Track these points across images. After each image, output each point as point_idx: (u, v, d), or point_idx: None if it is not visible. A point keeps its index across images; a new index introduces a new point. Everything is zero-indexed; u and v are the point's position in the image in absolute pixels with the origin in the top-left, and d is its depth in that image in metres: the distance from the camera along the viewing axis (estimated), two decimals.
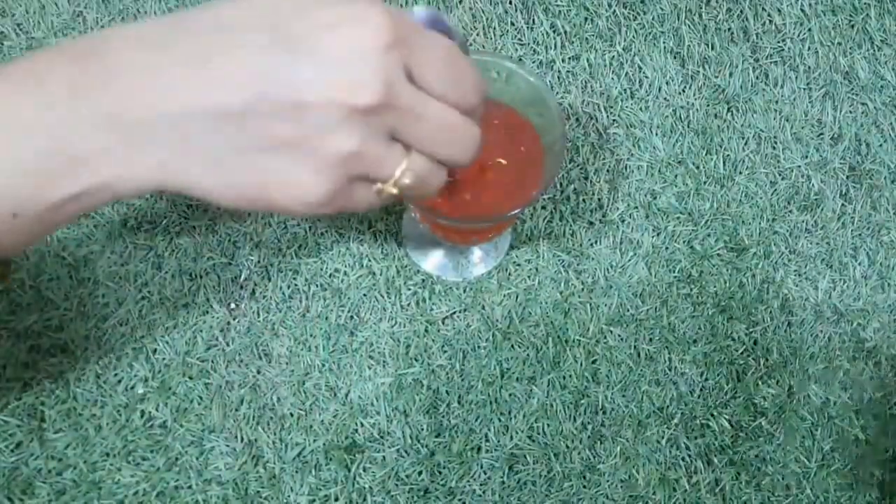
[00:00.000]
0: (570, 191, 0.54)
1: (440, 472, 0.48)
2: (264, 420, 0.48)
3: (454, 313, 0.51)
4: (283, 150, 0.28)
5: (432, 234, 0.47)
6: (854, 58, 0.59)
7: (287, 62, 0.26)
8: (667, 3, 0.59)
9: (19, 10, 0.55)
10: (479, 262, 0.52)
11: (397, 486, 0.47)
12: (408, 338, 0.50)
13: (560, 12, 0.58)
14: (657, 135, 0.56)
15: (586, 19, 0.58)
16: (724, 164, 0.55)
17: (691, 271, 0.53)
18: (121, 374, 0.48)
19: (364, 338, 0.50)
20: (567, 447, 0.49)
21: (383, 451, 0.48)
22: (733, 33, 0.59)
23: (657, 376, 0.51)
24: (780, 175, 0.56)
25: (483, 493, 0.47)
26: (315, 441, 0.48)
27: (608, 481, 0.48)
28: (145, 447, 0.47)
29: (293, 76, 0.26)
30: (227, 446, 0.47)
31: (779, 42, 0.59)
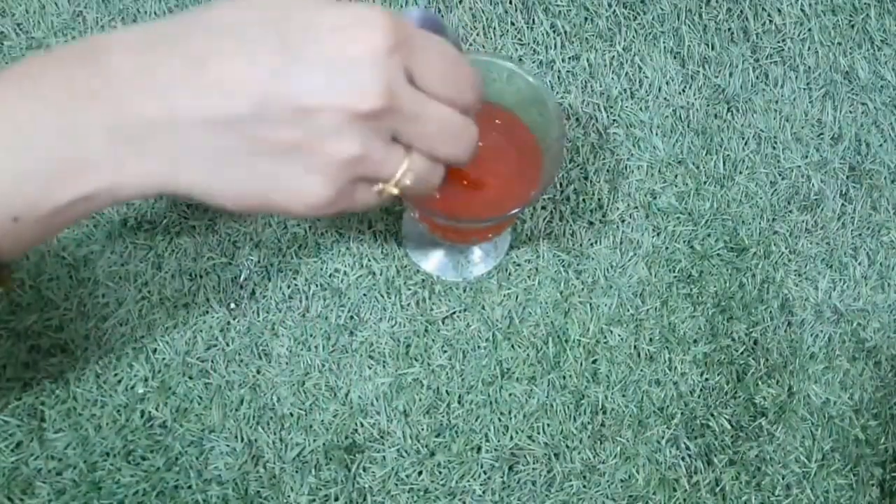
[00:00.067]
0: (570, 191, 0.54)
1: (440, 472, 0.48)
2: (264, 420, 0.48)
3: (454, 313, 0.51)
4: (285, 155, 0.28)
5: (432, 234, 0.47)
6: (854, 58, 0.59)
7: (289, 68, 0.26)
8: (667, 3, 0.59)
9: (19, 9, 0.55)
10: (479, 262, 0.52)
11: (397, 486, 0.47)
12: (408, 338, 0.50)
13: (560, 12, 0.58)
14: (657, 135, 0.56)
15: (586, 19, 0.58)
16: (724, 164, 0.55)
17: (691, 271, 0.53)
18: (121, 374, 0.48)
19: (364, 338, 0.50)
20: (567, 447, 0.49)
21: (383, 451, 0.48)
22: (733, 33, 0.59)
23: (657, 376, 0.51)
24: (780, 175, 0.56)
25: (483, 493, 0.47)
26: (315, 441, 0.48)
27: (608, 481, 0.48)
28: (145, 447, 0.47)
29: (296, 82, 0.26)
30: (227, 446, 0.47)
31: (779, 42, 0.59)
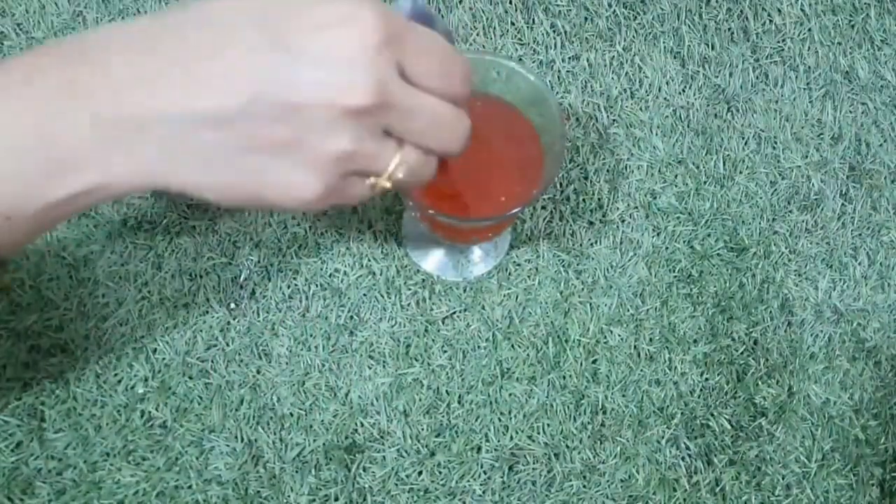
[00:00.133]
0: (570, 191, 0.54)
1: (440, 472, 0.48)
2: (264, 420, 0.48)
3: (454, 313, 0.51)
4: (276, 152, 0.28)
5: (432, 234, 0.47)
6: (854, 58, 0.59)
7: (279, 64, 0.26)
8: (667, 3, 0.59)
9: (19, 9, 0.55)
10: (479, 261, 0.52)
11: (397, 486, 0.47)
12: (408, 338, 0.50)
13: (560, 12, 0.58)
14: (657, 135, 0.56)
15: (586, 19, 0.58)
16: (724, 164, 0.55)
17: (691, 271, 0.53)
18: (121, 374, 0.48)
19: (364, 338, 0.50)
20: (567, 447, 0.49)
21: (383, 451, 0.48)
22: (733, 33, 0.59)
23: (657, 376, 0.51)
24: (780, 175, 0.56)
25: (483, 493, 0.47)
26: (315, 441, 0.48)
27: (608, 481, 0.48)
28: (145, 447, 0.47)
29: (286, 78, 0.26)
30: (227, 446, 0.47)
31: (779, 42, 0.59)
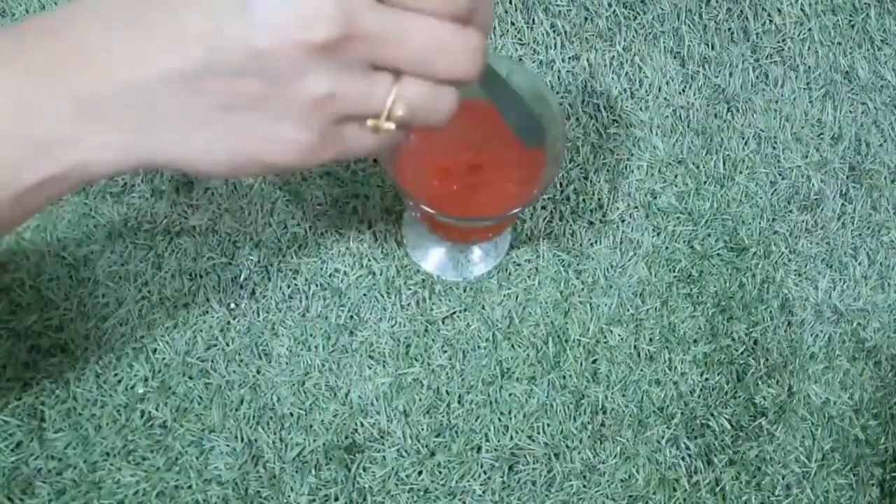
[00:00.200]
0: (570, 191, 0.54)
1: (440, 472, 0.48)
2: (264, 420, 0.48)
3: (454, 313, 0.51)
4: (252, 106, 0.26)
5: (432, 234, 0.47)
6: (854, 58, 0.59)
7: (234, 13, 0.25)
8: (667, 3, 0.59)
9: (19, 10, 0.55)
10: (479, 261, 0.52)
11: (397, 486, 0.47)
12: (408, 338, 0.50)
13: (560, 12, 0.58)
14: (657, 135, 0.56)
15: (586, 19, 0.58)
16: (724, 164, 0.55)
17: (691, 271, 0.53)
18: (121, 374, 0.48)
19: (364, 338, 0.50)
20: (567, 447, 0.49)
21: (383, 451, 0.48)
22: (733, 33, 0.59)
23: (657, 376, 0.51)
24: (780, 175, 0.56)
25: (483, 493, 0.47)
26: (315, 441, 0.48)
27: (608, 481, 0.48)
28: (145, 447, 0.47)
29: (242, 26, 0.25)
30: (227, 446, 0.47)
31: (779, 42, 0.59)
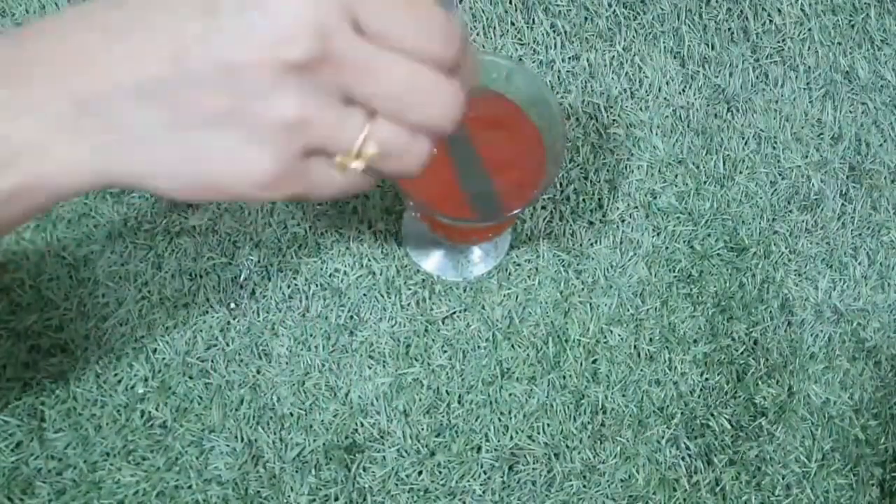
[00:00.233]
0: (570, 191, 0.54)
1: (440, 472, 0.48)
2: (264, 420, 0.48)
3: (454, 313, 0.51)
4: (218, 123, 0.25)
5: (432, 234, 0.47)
6: (854, 58, 0.59)
7: (209, 24, 0.24)
8: (667, 3, 0.59)
9: (19, 9, 0.55)
10: (479, 261, 0.52)
11: (397, 486, 0.47)
12: (408, 338, 0.50)
13: (560, 12, 0.58)
14: (657, 135, 0.56)
15: (586, 19, 0.58)
16: (724, 163, 0.55)
17: (691, 271, 0.53)
18: (121, 374, 0.48)
19: (364, 338, 0.50)
20: (567, 447, 0.49)
21: (383, 451, 0.48)
22: (733, 33, 0.59)
23: (657, 376, 0.51)
24: (780, 175, 0.56)
25: (483, 493, 0.47)
26: (315, 441, 0.48)
27: (608, 481, 0.48)
28: (145, 447, 0.47)
29: (216, 37, 0.24)
30: (227, 446, 0.47)
31: (779, 42, 0.59)
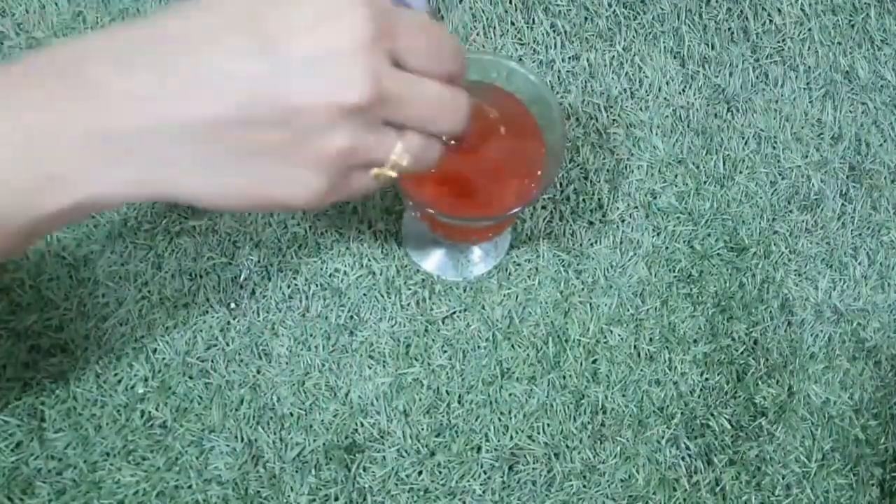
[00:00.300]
0: (570, 191, 0.54)
1: (440, 472, 0.48)
2: (264, 420, 0.48)
3: (454, 313, 0.51)
4: (275, 154, 0.27)
5: (432, 234, 0.47)
6: (854, 58, 0.59)
7: (270, 67, 0.26)
8: (667, 3, 0.59)
9: (19, 9, 0.55)
10: (479, 261, 0.52)
11: (397, 485, 0.47)
12: (408, 338, 0.50)
13: (560, 12, 0.58)
14: (657, 135, 0.56)
15: (586, 19, 0.58)
16: (724, 163, 0.55)
17: (691, 271, 0.53)
18: (121, 374, 0.48)
19: (364, 338, 0.50)
20: (567, 447, 0.49)
21: (383, 451, 0.48)
22: (733, 33, 0.59)
23: (657, 376, 0.51)
24: (780, 175, 0.56)
25: (483, 493, 0.47)
26: (315, 441, 0.48)
27: (608, 481, 0.48)
28: (145, 447, 0.47)
29: (278, 82, 0.26)
30: (227, 446, 0.47)
31: (779, 42, 0.59)
